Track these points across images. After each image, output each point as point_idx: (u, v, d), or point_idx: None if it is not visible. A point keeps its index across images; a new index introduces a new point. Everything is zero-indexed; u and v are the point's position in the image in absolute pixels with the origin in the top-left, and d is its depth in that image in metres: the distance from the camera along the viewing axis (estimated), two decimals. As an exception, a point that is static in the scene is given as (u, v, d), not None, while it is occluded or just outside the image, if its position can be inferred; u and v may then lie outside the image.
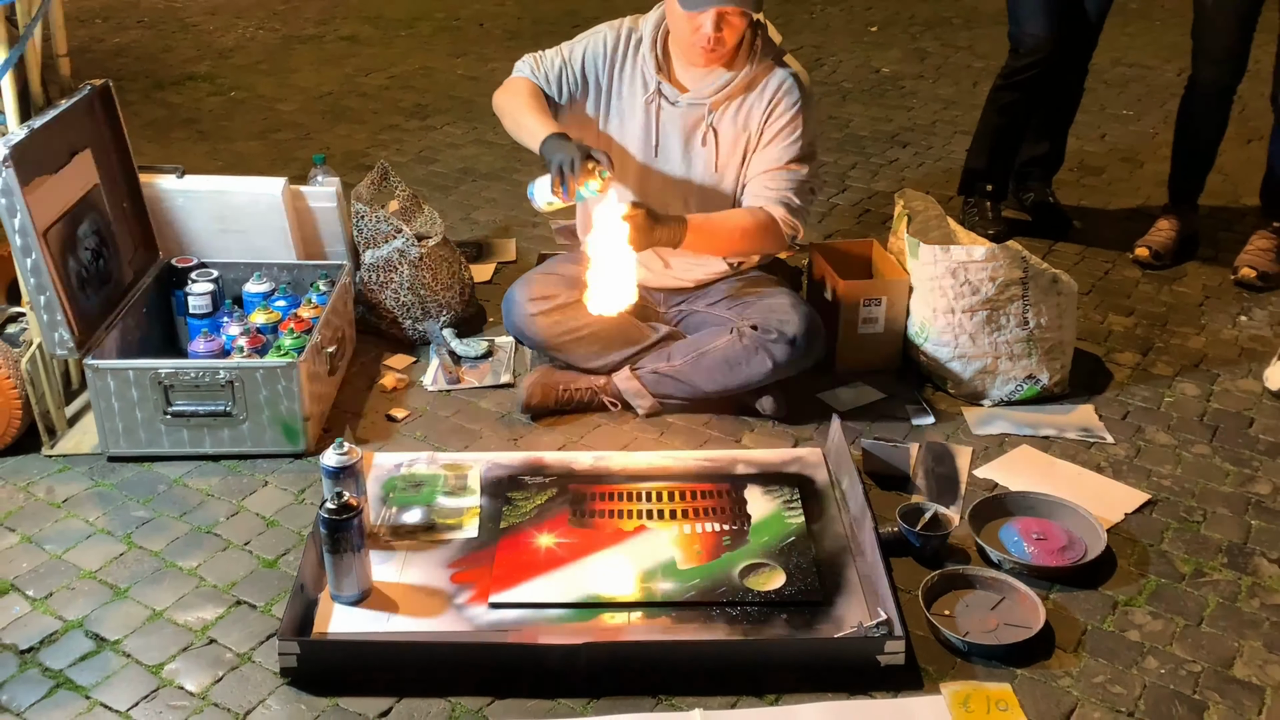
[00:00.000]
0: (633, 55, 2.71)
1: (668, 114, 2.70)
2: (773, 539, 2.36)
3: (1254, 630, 2.20)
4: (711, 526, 2.40)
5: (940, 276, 2.82)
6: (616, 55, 2.72)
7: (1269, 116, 3.44)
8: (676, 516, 2.43)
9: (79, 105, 2.71)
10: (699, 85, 2.68)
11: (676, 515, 2.43)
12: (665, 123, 2.71)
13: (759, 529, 2.39)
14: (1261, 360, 3.07)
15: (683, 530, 2.39)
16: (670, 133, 2.72)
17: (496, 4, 6.49)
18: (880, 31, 6.01)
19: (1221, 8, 3.30)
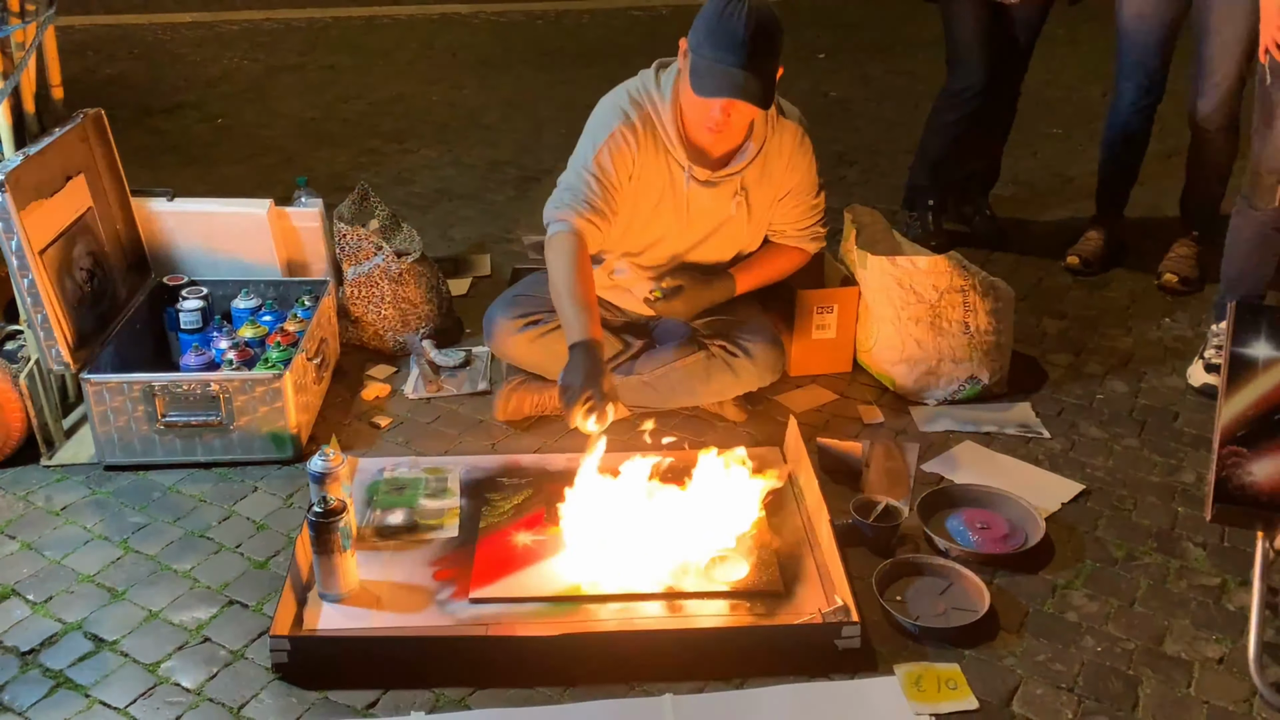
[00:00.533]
0: (655, 142, 2.52)
1: (700, 190, 2.57)
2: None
3: (1183, 609, 2.22)
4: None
5: (887, 285, 2.84)
6: (641, 148, 2.51)
7: (1187, 134, 3.48)
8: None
9: (73, 133, 2.68)
10: (727, 158, 2.56)
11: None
12: (698, 198, 2.59)
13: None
14: (1184, 359, 3.10)
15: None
16: (703, 205, 2.60)
17: (468, 34, 6.47)
18: (828, 58, 6.04)
19: (1141, 34, 3.34)
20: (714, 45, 2.30)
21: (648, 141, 2.51)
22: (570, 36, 6.42)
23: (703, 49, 2.33)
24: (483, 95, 5.40)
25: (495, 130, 4.92)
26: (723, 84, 2.31)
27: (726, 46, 2.28)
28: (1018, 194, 4.25)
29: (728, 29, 2.28)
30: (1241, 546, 2.37)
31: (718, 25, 2.30)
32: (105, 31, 6.41)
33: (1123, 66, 3.43)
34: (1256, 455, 2.04)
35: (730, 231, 2.66)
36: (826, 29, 6.57)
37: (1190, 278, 3.49)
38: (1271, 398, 2.06)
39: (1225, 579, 2.30)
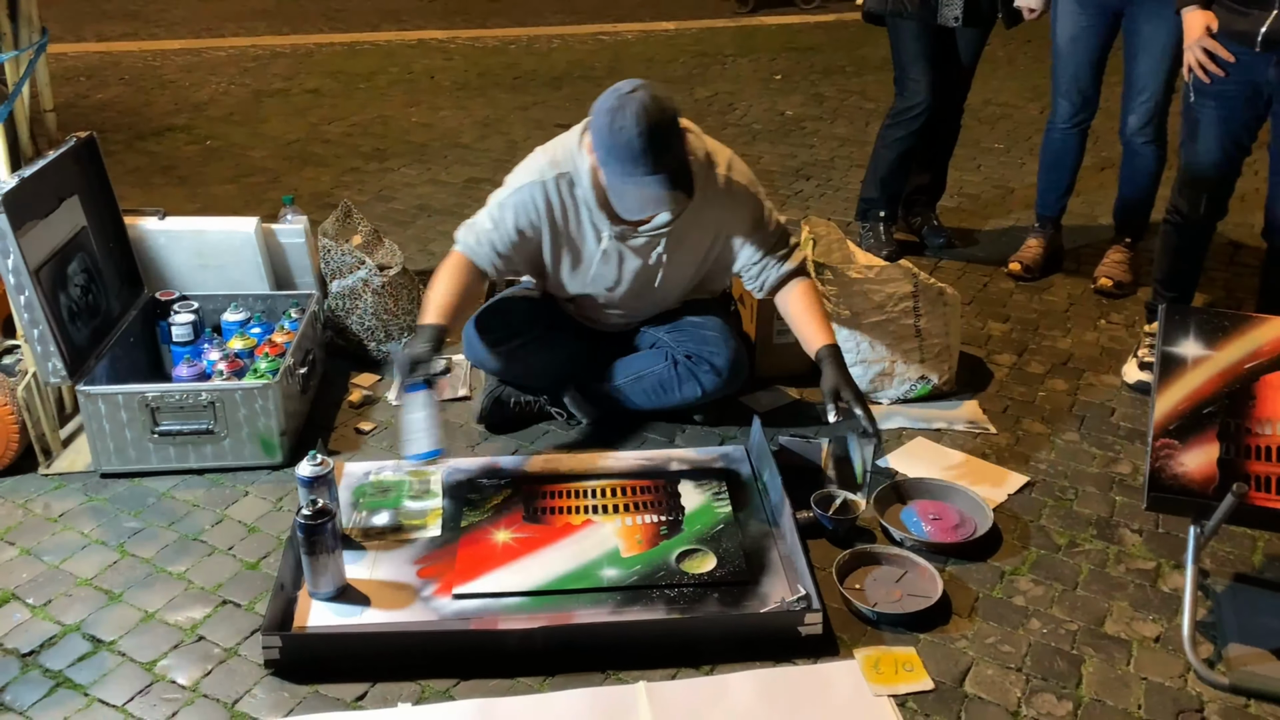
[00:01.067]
0: (574, 207, 2.46)
1: (626, 249, 2.52)
2: (704, 527, 2.36)
3: (1121, 592, 2.24)
4: (650, 518, 2.39)
5: (843, 293, 2.84)
6: (554, 209, 2.46)
7: (1118, 147, 3.51)
8: (619, 510, 2.41)
9: (66, 155, 2.64)
10: (652, 218, 2.47)
11: (619, 509, 2.41)
12: (625, 256, 2.54)
13: (692, 519, 2.39)
14: (1120, 358, 3.13)
15: (624, 522, 2.37)
16: (630, 261, 2.55)
17: (445, 59, 6.43)
18: (784, 79, 6.06)
19: (1074, 55, 3.36)
20: (619, 161, 2.22)
21: (563, 200, 2.45)
22: (541, 60, 6.40)
23: (609, 166, 2.26)
24: (459, 116, 5.37)
25: (471, 149, 4.89)
26: (646, 201, 2.29)
27: (630, 161, 2.21)
28: (962, 205, 4.27)
29: (624, 143, 2.19)
30: (1175, 532, 2.39)
31: (613, 142, 2.21)
32: (97, 58, 6.33)
33: (1058, 85, 3.46)
34: (1187, 447, 2.05)
35: (671, 273, 2.60)
36: (782, 53, 6.60)
37: (1124, 281, 3.52)
38: (1201, 393, 2.08)
39: (1160, 563, 2.31)
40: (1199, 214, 2.84)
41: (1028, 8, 3.42)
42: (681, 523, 2.37)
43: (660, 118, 2.20)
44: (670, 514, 2.40)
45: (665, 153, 2.22)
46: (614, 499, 2.44)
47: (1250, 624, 2.12)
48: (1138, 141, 3.39)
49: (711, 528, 2.35)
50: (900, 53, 3.57)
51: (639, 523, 2.37)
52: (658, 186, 2.24)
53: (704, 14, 7.54)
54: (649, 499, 2.44)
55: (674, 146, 2.25)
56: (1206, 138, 2.75)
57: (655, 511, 2.41)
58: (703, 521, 2.37)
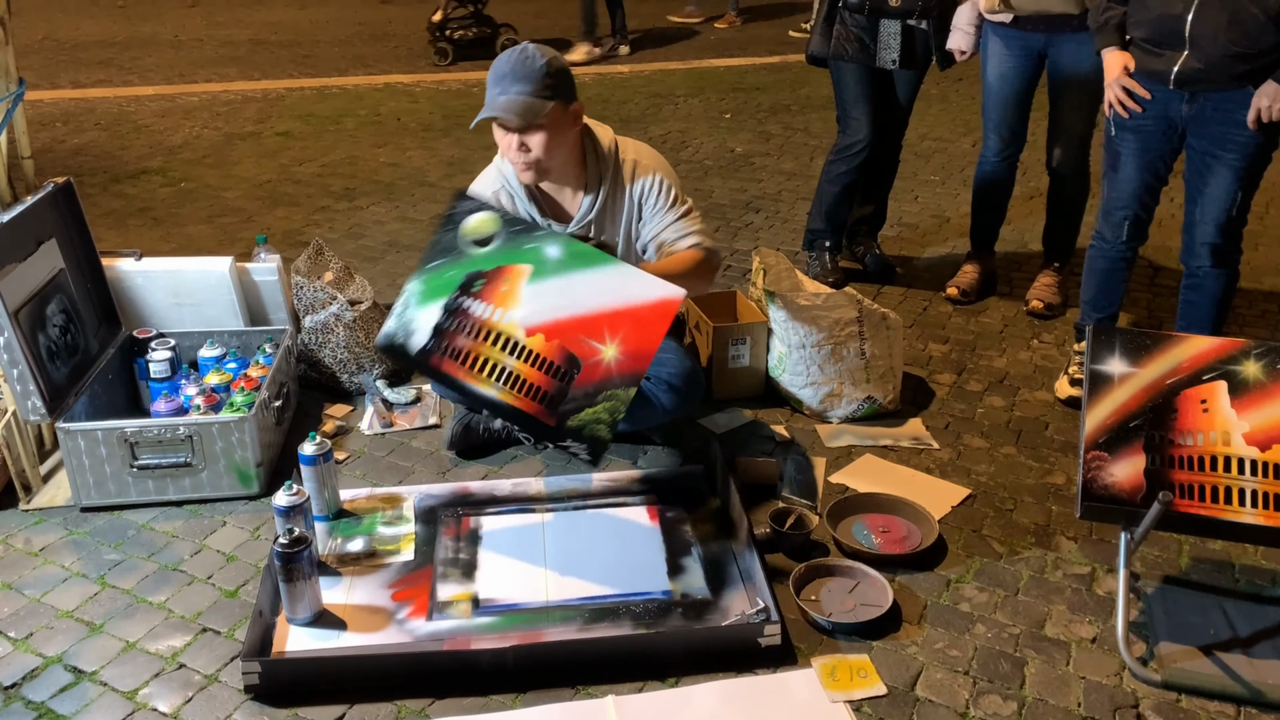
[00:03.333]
0: (514, 207, 2.55)
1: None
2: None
3: (1059, 596, 2.26)
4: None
5: (792, 319, 2.87)
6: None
7: (1046, 178, 3.57)
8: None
9: (44, 200, 2.60)
10: (576, 211, 2.56)
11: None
12: None
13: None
14: (1052, 375, 3.18)
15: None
16: None
17: (411, 102, 6.42)
18: (733, 118, 6.11)
19: (1003, 93, 3.42)
20: (489, 87, 2.38)
21: (509, 206, 2.55)
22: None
23: (486, 96, 2.39)
24: (425, 156, 5.36)
25: (438, 188, 4.88)
26: (491, 109, 2.35)
27: (495, 82, 2.36)
28: (902, 234, 4.32)
29: (495, 68, 2.36)
30: (1107, 539, 2.42)
31: (491, 71, 2.37)
32: (73, 104, 6.24)
33: (988, 121, 3.52)
34: (1116, 459, 2.09)
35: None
36: (731, 93, 6.65)
37: (1054, 303, 3.57)
38: (1127, 408, 2.12)
39: (1095, 568, 2.35)
40: (1121, 239, 2.90)
41: (959, 50, 3.49)
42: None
43: (530, 58, 2.34)
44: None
45: (520, 80, 2.32)
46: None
47: (1179, 623, 2.15)
48: (1063, 172, 3.46)
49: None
50: (842, 93, 3.63)
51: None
52: (502, 101, 2.32)
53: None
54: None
55: (529, 79, 2.33)
56: (1127, 168, 2.81)
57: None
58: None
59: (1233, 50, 2.50)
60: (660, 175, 2.56)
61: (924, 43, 3.48)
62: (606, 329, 2.19)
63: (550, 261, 2.24)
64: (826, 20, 3.50)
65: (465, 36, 7.26)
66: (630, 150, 2.58)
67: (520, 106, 2.33)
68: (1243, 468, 2.04)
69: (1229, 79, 2.55)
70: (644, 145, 2.61)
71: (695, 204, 2.61)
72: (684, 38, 8.11)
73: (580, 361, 2.18)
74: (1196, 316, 2.87)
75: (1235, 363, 2.11)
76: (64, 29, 8.32)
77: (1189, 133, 2.71)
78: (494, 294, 2.23)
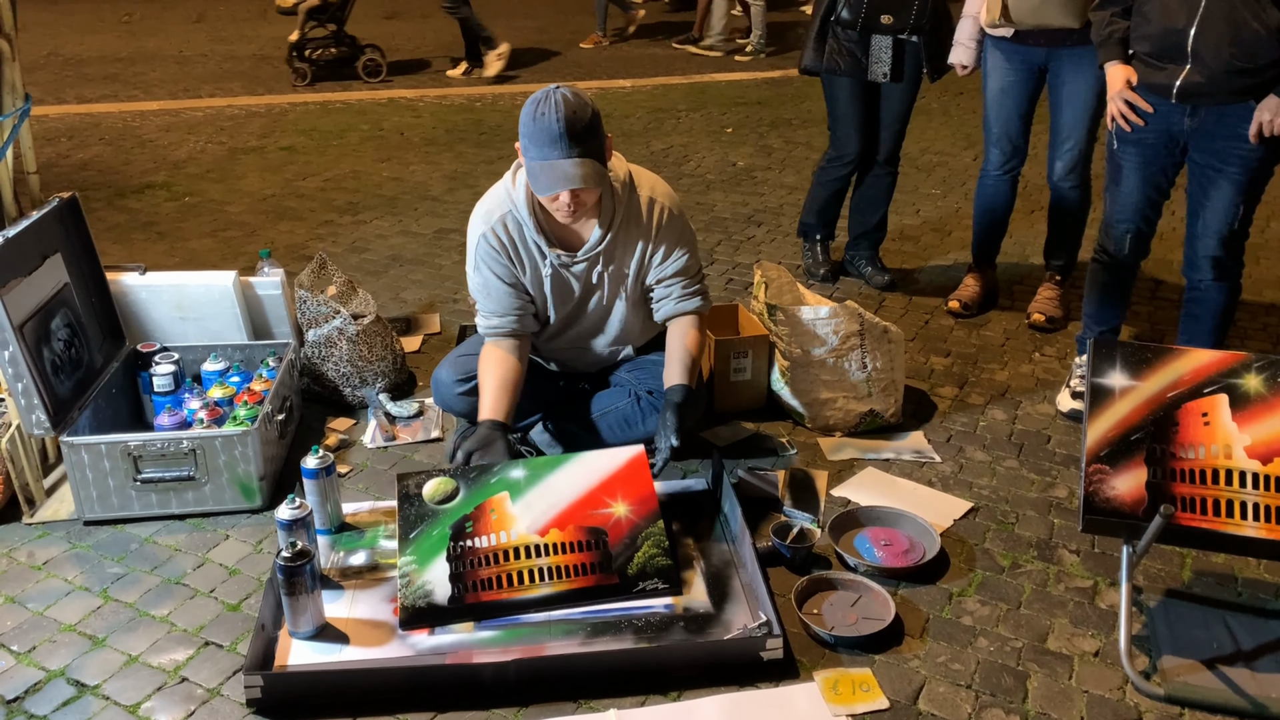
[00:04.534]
0: (521, 238, 2.53)
1: (567, 272, 2.57)
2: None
3: (1062, 610, 2.26)
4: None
5: (794, 332, 2.87)
6: (506, 246, 2.53)
7: (1047, 192, 3.58)
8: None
9: (49, 215, 2.62)
10: (584, 243, 2.54)
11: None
12: (568, 279, 2.58)
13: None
14: (1053, 388, 3.18)
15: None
16: (573, 284, 2.59)
17: (413, 116, 6.45)
18: (735, 132, 6.13)
19: (1004, 107, 3.44)
20: (537, 145, 2.30)
21: (513, 239, 2.52)
22: (506, 116, 6.44)
23: (529, 152, 2.33)
24: (428, 170, 5.39)
25: (441, 201, 4.90)
26: (556, 178, 2.30)
27: (547, 143, 2.28)
28: (904, 248, 4.33)
29: (544, 128, 2.27)
30: (1110, 552, 2.42)
31: (534, 128, 2.29)
32: (78, 120, 6.28)
33: (989, 135, 3.53)
34: (1118, 472, 2.09)
35: (613, 291, 2.63)
36: (732, 108, 6.68)
37: (1055, 317, 3.58)
38: (1128, 421, 2.12)
39: (1097, 581, 2.34)
40: (1123, 253, 2.91)
41: (960, 64, 3.51)
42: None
43: (579, 111, 2.29)
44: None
45: (580, 140, 2.28)
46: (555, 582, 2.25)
47: (1182, 637, 2.15)
48: (1064, 186, 3.47)
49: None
50: (833, 107, 3.71)
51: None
52: (570, 166, 2.28)
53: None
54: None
55: (590, 135, 2.30)
56: (1128, 182, 2.82)
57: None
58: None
59: (1235, 64, 2.51)
60: (677, 217, 2.58)
61: (915, 56, 3.54)
62: (605, 496, 2.33)
63: (520, 480, 2.34)
64: (819, 35, 3.55)
65: (325, 56, 7.23)
66: (645, 184, 2.57)
67: (593, 174, 2.31)
68: (1244, 481, 2.04)
69: (1231, 93, 2.56)
70: (657, 179, 2.61)
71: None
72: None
73: (603, 528, 2.28)
74: (1198, 330, 2.87)
75: (1236, 376, 2.11)
76: (69, 45, 8.37)
77: (1191, 146, 2.72)
78: (488, 526, 2.27)
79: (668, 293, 2.63)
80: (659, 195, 2.57)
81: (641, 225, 2.55)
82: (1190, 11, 2.52)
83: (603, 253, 2.54)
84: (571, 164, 2.28)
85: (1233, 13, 2.47)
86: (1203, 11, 2.50)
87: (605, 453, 2.41)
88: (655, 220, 2.55)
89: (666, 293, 2.63)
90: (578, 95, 2.31)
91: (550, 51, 8.06)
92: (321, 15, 7.05)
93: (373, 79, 7.21)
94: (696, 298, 2.64)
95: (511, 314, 2.57)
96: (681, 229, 2.60)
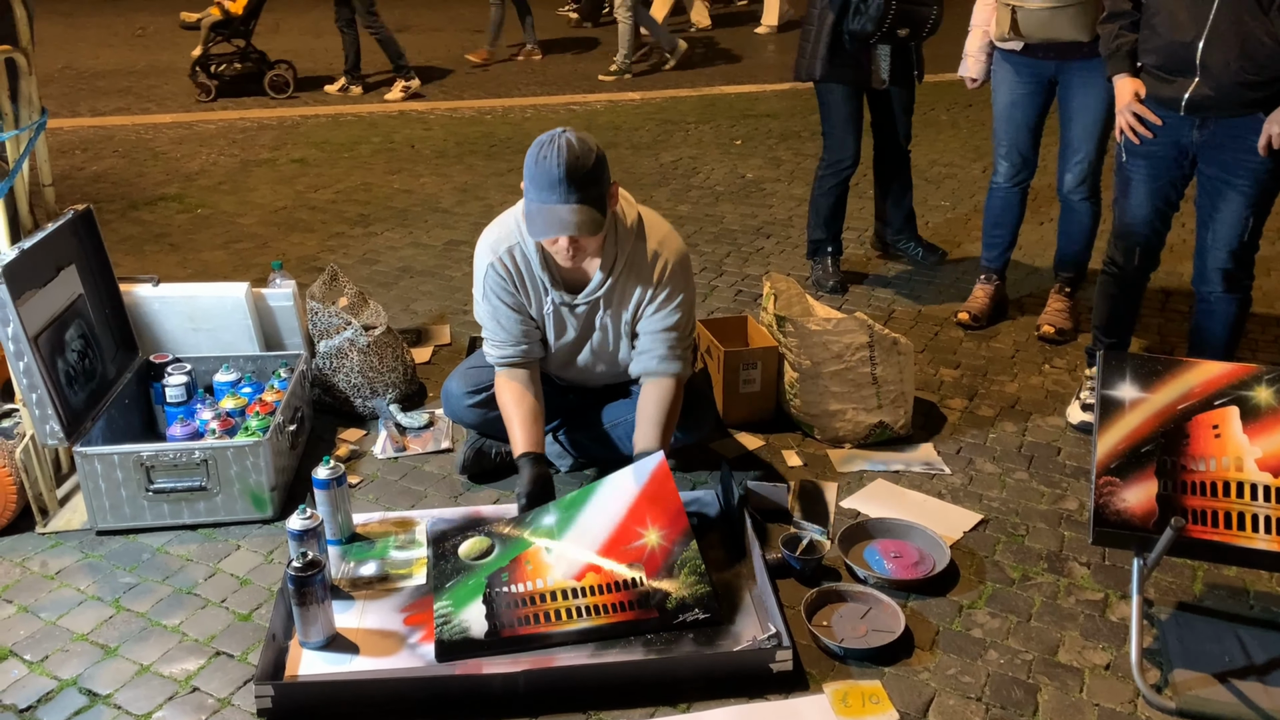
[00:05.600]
0: (528, 272, 2.50)
1: (568, 312, 2.55)
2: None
3: (1072, 622, 2.25)
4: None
5: (803, 344, 2.88)
6: (513, 275, 2.50)
7: (1057, 204, 3.58)
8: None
9: (63, 227, 2.64)
10: (587, 283, 2.51)
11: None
12: (568, 318, 2.56)
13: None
14: (1064, 400, 3.17)
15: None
16: (572, 323, 2.57)
17: (424, 129, 6.49)
18: (744, 144, 6.15)
19: (1013, 119, 3.45)
20: (537, 188, 2.26)
21: (519, 269, 2.50)
22: (515, 129, 6.47)
23: (529, 193, 2.29)
24: (439, 183, 5.41)
25: (451, 213, 4.92)
26: (550, 223, 2.26)
27: (547, 187, 2.23)
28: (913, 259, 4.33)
29: (544, 171, 2.23)
30: (1120, 565, 2.41)
31: (536, 170, 2.25)
32: (92, 132, 6.33)
33: (999, 148, 3.54)
34: (1128, 484, 2.08)
35: (604, 339, 2.60)
36: (741, 120, 6.70)
37: (1065, 328, 3.57)
38: (1138, 433, 2.11)
39: (1108, 593, 2.34)
40: (1133, 265, 2.91)
41: (970, 78, 3.52)
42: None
43: (583, 157, 2.24)
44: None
45: (581, 186, 2.24)
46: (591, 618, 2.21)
47: (1194, 650, 2.14)
48: (1074, 198, 3.47)
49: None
50: (831, 113, 3.80)
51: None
52: (566, 212, 2.24)
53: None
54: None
55: (592, 182, 2.26)
56: (1138, 194, 2.82)
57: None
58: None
59: (1244, 77, 2.51)
60: (679, 276, 2.50)
61: (908, 59, 3.70)
62: (635, 527, 2.29)
63: (554, 526, 2.32)
64: (832, 46, 3.59)
65: (230, 72, 7.23)
66: (655, 234, 2.51)
67: (589, 222, 2.26)
68: (1255, 493, 2.03)
69: (1240, 105, 2.56)
70: (670, 231, 2.55)
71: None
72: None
73: (638, 562, 2.25)
74: (1208, 342, 2.87)
75: (1247, 388, 2.11)
76: (84, 58, 8.44)
77: (1200, 159, 2.71)
78: (524, 575, 2.25)
79: (651, 347, 2.53)
80: (666, 247, 2.50)
81: (644, 273, 2.49)
82: (1198, 24, 2.52)
83: (602, 297, 2.51)
84: (568, 210, 2.24)
85: (1241, 25, 2.48)
86: (1211, 24, 2.51)
87: (628, 471, 2.37)
88: (658, 270, 2.49)
89: (650, 347, 2.53)
90: (583, 141, 2.26)
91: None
92: (225, 30, 7.05)
93: (279, 95, 7.19)
94: (678, 361, 2.54)
95: (522, 342, 2.55)
96: (683, 285, 2.53)
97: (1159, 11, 2.61)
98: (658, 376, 2.53)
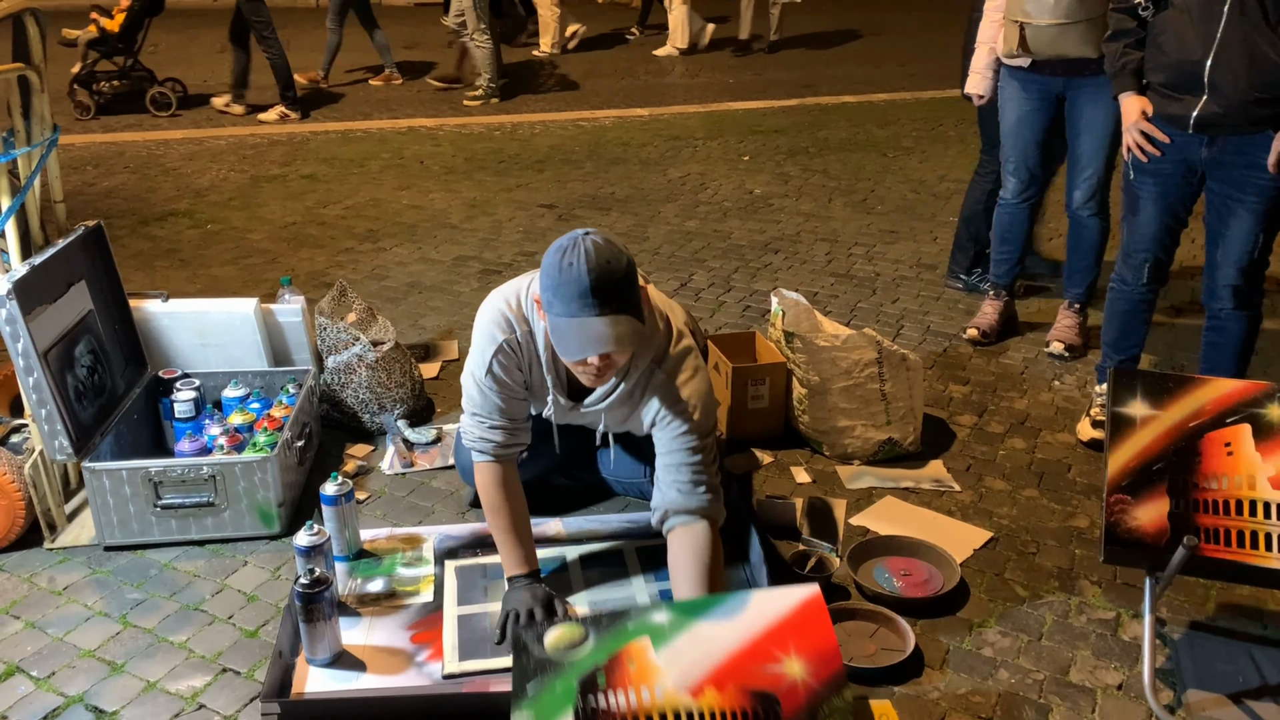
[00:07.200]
0: (535, 361, 2.24)
1: (573, 413, 2.34)
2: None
3: (1084, 641, 2.23)
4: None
5: (811, 360, 2.87)
6: (522, 362, 2.24)
7: (1065, 220, 3.57)
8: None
9: (74, 243, 2.65)
10: (591, 392, 2.27)
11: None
12: (571, 417, 2.36)
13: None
14: (1074, 417, 3.16)
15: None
16: (576, 420, 2.38)
17: (433, 145, 6.51)
18: (751, 160, 6.16)
19: (1021, 136, 3.45)
20: (564, 302, 1.95)
21: (525, 354, 2.23)
22: (524, 145, 6.49)
23: (554, 308, 1.98)
24: (448, 198, 5.42)
25: (459, 229, 4.94)
26: (587, 340, 1.96)
27: (576, 299, 1.93)
28: (921, 275, 4.32)
29: (570, 281, 1.93)
30: (1132, 583, 2.39)
31: (560, 282, 1.94)
32: (103, 148, 6.37)
33: (1007, 164, 3.54)
34: (1140, 502, 2.07)
35: (614, 435, 2.40)
36: (750, 136, 6.71)
37: (1075, 345, 3.56)
38: (1150, 450, 2.10)
39: (1120, 612, 2.32)
40: (1142, 281, 2.90)
41: (976, 94, 3.52)
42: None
43: (611, 262, 1.95)
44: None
45: (614, 295, 1.96)
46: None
47: (1207, 670, 2.12)
48: (1083, 214, 3.47)
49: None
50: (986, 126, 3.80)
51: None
52: (602, 325, 1.95)
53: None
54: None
55: (626, 287, 1.98)
56: (1146, 212, 2.82)
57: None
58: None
59: (1253, 95, 2.51)
60: (697, 405, 2.19)
61: None
62: (774, 649, 1.80)
63: (664, 626, 1.83)
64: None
65: (112, 89, 7.20)
66: (675, 335, 2.23)
67: (630, 334, 1.97)
68: (1268, 512, 2.01)
69: (1249, 123, 2.56)
70: (695, 354, 2.25)
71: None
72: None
73: (773, 693, 1.75)
74: (1219, 359, 2.85)
75: (1259, 406, 2.10)
76: (96, 74, 8.49)
77: (1208, 176, 2.71)
78: (626, 679, 1.76)
79: (670, 477, 2.18)
80: (683, 376, 2.20)
81: (656, 396, 2.19)
82: (1206, 42, 2.52)
83: (606, 410, 2.26)
84: (604, 323, 1.94)
85: (1249, 43, 2.47)
86: (1219, 42, 2.50)
87: (771, 593, 1.89)
88: (673, 400, 2.18)
89: (667, 475, 2.19)
90: (609, 243, 1.97)
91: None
92: (102, 47, 7.03)
93: (161, 113, 7.15)
94: (706, 493, 2.18)
95: (517, 426, 2.29)
96: (682, 395, 2.19)
97: (1165, 30, 2.61)
98: (685, 520, 2.18)
